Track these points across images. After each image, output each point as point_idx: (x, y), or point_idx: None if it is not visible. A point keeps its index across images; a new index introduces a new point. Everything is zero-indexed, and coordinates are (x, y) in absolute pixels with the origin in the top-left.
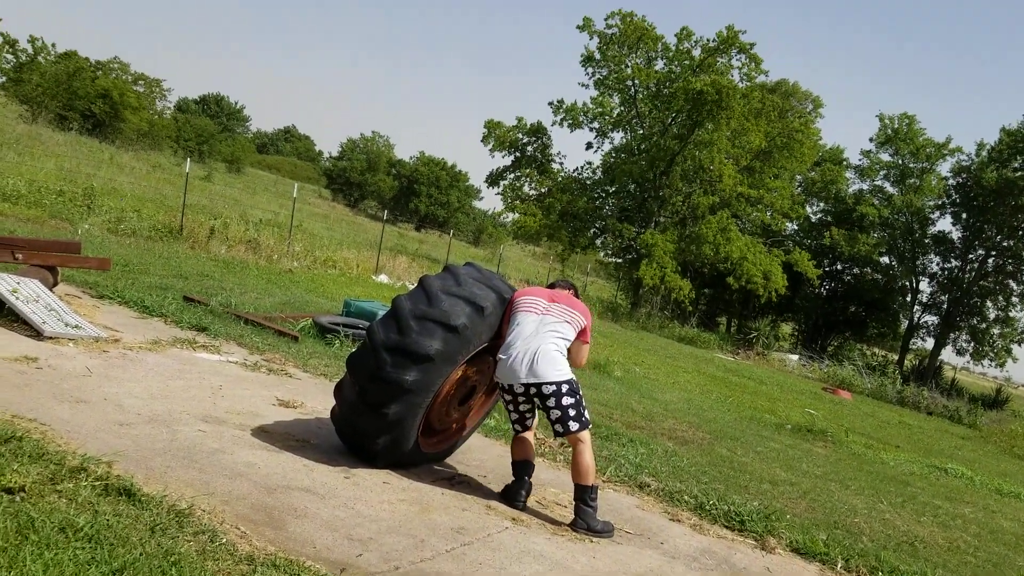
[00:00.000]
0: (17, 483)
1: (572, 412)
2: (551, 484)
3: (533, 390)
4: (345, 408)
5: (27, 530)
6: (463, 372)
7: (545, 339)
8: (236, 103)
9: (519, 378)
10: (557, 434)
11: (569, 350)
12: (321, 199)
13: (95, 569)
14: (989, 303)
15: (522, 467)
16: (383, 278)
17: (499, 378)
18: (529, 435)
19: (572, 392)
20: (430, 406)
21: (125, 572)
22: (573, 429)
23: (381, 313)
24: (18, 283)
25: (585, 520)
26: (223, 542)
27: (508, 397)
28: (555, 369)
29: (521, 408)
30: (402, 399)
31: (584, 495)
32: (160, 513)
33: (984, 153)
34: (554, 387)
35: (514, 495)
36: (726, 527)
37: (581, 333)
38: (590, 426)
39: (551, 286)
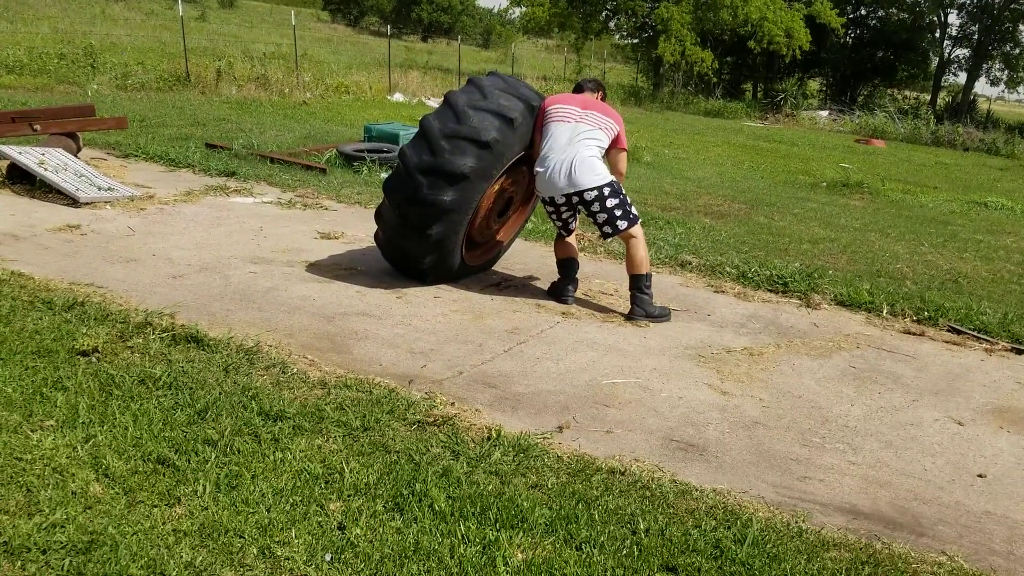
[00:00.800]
0: (90, 345)
1: (618, 212)
2: (595, 276)
3: (576, 199)
4: (388, 232)
5: (109, 387)
6: (500, 185)
7: (580, 147)
8: None
9: (559, 189)
10: (606, 235)
11: (608, 160)
12: (320, 23)
13: (181, 413)
14: (1022, 27)
15: (567, 265)
16: (398, 96)
17: (539, 191)
18: (571, 237)
19: (615, 193)
20: (471, 222)
21: (208, 412)
22: (622, 228)
23: (403, 134)
24: (43, 154)
25: (642, 307)
26: (294, 371)
27: (551, 208)
28: (594, 174)
29: (564, 216)
30: (443, 219)
31: (639, 283)
32: (230, 354)
33: None
34: (596, 192)
35: (561, 291)
36: (770, 291)
37: (616, 140)
38: (640, 220)
39: (578, 88)
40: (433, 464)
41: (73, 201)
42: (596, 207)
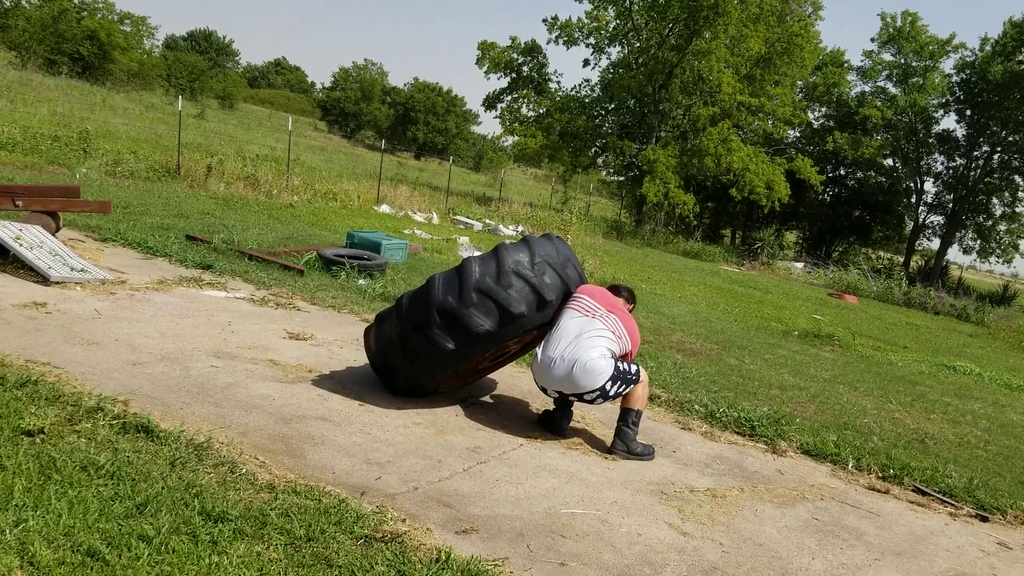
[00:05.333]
0: (36, 425)
1: (622, 388)
2: None
3: (573, 398)
4: (382, 341)
5: (49, 470)
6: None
7: (587, 345)
8: (224, 37)
9: (553, 384)
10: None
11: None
12: (317, 131)
13: (119, 504)
14: (995, 200)
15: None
16: (385, 208)
17: (535, 378)
18: None
19: (615, 380)
20: (463, 365)
21: (149, 506)
22: (627, 391)
23: (385, 243)
24: (21, 230)
25: (624, 442)
26: (243, 472)
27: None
28: (597, 374)
29: (554, 398)
30: (439, 358)
31: (628, 417)
32: (179, 448)
33: (988, 48)
34: (597, 392)
35: (555, 422)
36: (737, 433)
37: (626, 356)
38: (642, 372)
39: (614, 289)
40: None
41: (44, 279)
42: (599, 401)
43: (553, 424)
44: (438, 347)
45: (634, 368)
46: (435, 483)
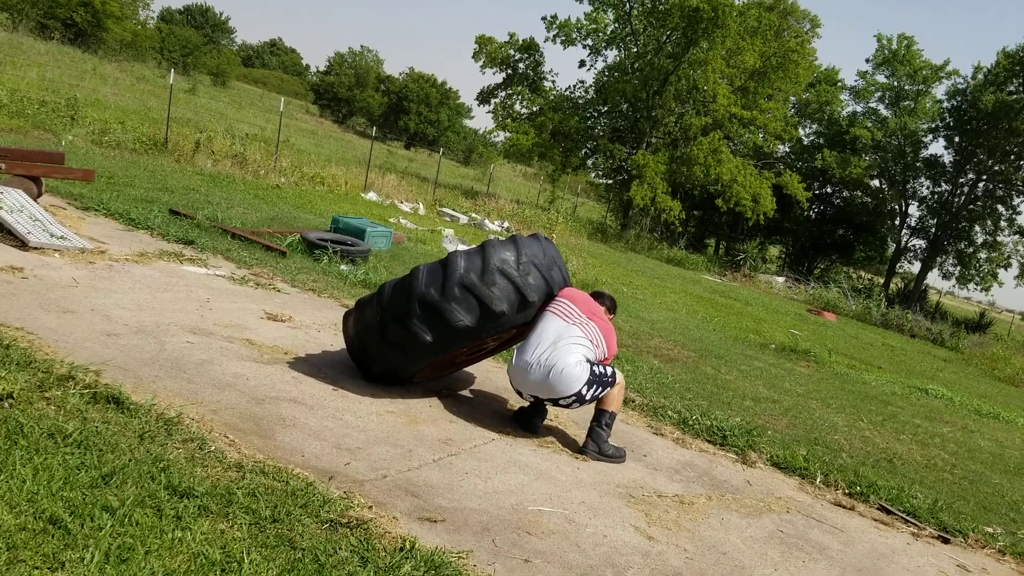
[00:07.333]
0: (5, 390)
1: (599, 391)
2: None
3: (549, 404)
4: (361, 326)
5: (16, 435)
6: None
7: (564, 351)
8: (221, 14)
9: (529, 389)
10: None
11: None
12: (309, 115)
13: (84, 474)
14: (977, 227)
15: None
16: (372, 195)
17: (511, 381)
18: None
19: (591, 384)
20: (439, 358)
21: (115, 477)
22: (603, 394)
23: (369, 230)
24: (2, 193)
25: (596, 442)
26: (212, 449)
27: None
28: (573, 382)
29: (531, 401)
30: (416, 350)
31: (602, 418)
32: (149, 421)
33: (980, 76)
34: (573, 397)
35: (529, 420)
36: (708, 441)
37: (600, 363)
38: (618, 375)
39: (596, 295)
40: (338, 568)
41: (22, 244)
42: (576, 405)
43: (527, 421)
44: (416, 338)
45: (610, 371)
46: (404, 472)
